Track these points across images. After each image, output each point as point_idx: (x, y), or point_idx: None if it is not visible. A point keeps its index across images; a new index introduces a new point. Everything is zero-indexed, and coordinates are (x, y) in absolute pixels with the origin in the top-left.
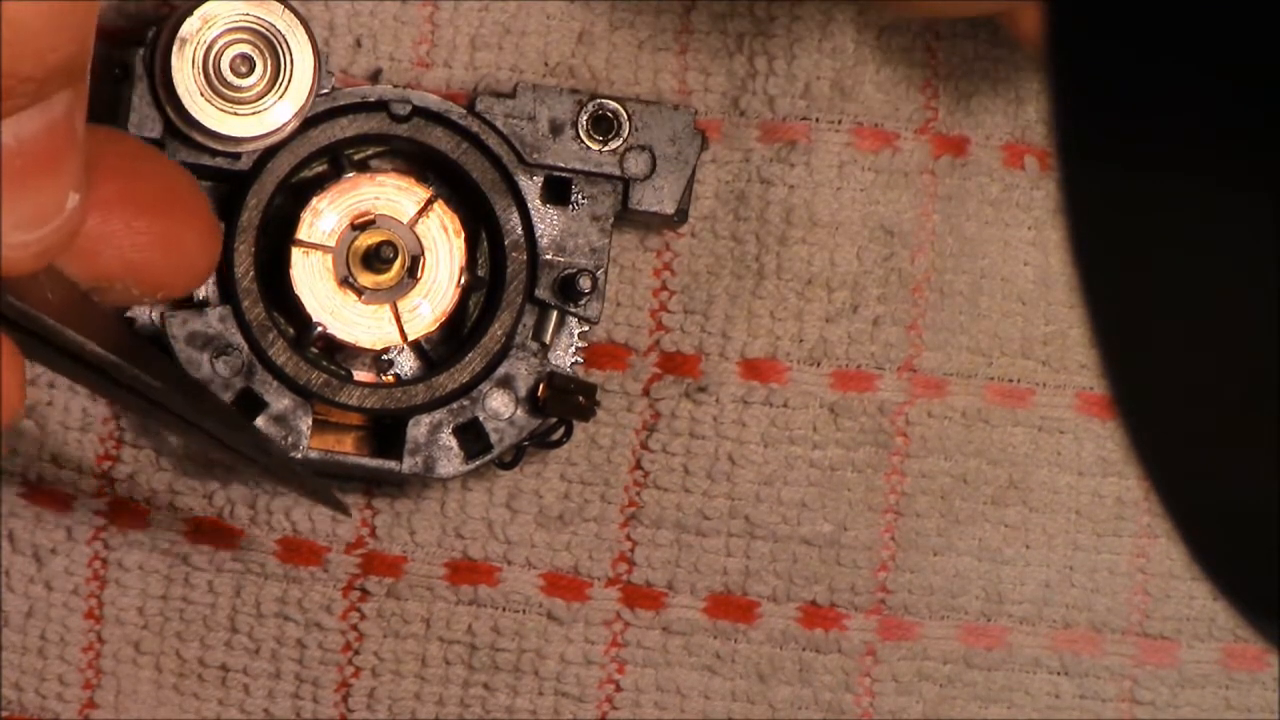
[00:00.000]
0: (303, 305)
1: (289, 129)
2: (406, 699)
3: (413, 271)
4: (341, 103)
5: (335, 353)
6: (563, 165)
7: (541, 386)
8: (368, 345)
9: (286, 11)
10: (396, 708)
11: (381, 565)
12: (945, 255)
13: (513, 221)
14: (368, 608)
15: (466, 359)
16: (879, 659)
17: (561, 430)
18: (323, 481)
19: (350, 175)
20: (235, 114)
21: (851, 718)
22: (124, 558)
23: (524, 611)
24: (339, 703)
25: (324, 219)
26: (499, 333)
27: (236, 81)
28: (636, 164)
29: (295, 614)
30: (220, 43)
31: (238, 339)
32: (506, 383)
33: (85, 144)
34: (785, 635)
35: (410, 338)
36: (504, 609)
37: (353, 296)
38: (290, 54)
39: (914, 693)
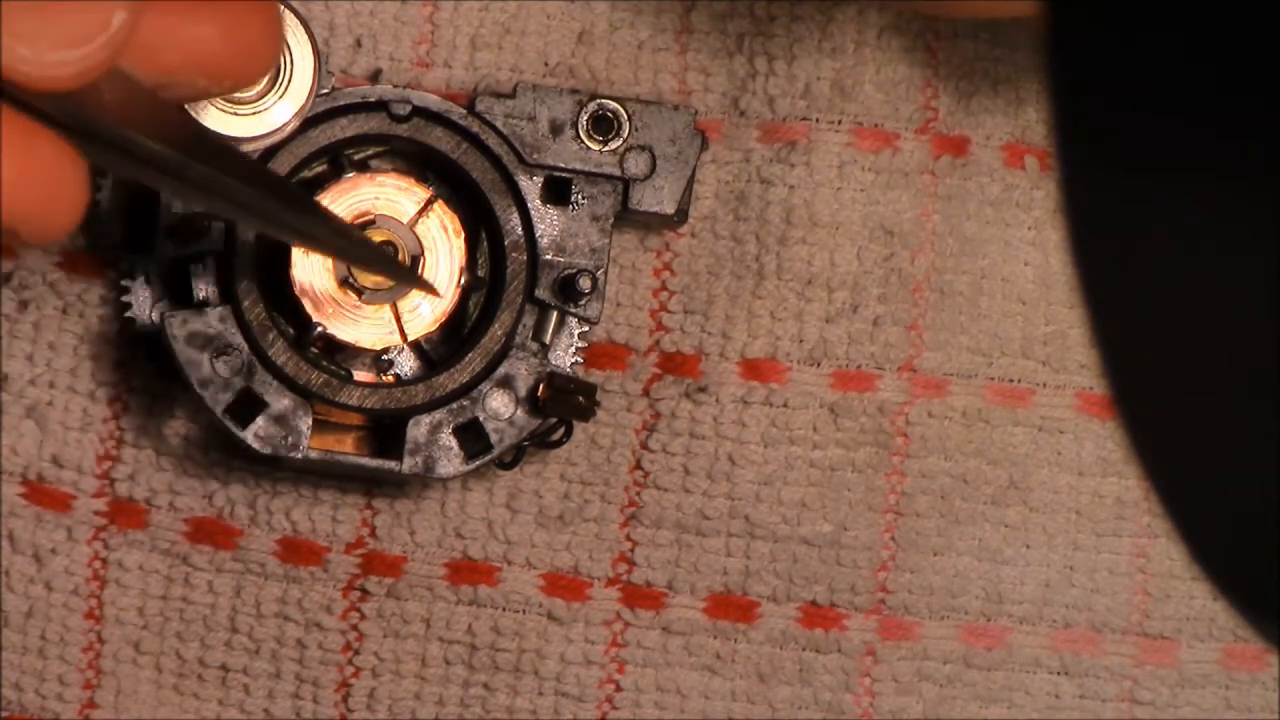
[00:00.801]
0: (303, 305)
1: (289, 129)
2: (406, 699)
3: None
4: (341, 103)
5: (335, 353)
6: (563, 165)
7: (541, 386)
8: (368, 345)
9: (286, 12)
10: (396, 708)
11: (381, 565)
12: (945, 255)
13: (513, 221)
14: (368, 608)
15: (466, 359)
16: (879, 659)
17: (561, 430)
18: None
19: (350, 175)
20: (235, 114)
21: (851, 718)
22: (124, 558)
23: (524, 611)
24: (339, 703)
25: None
26: (499, 333)
27: None
28: (636, 164)
29: (295, 614)
30: None
31: (238, 339)
32: (506, 383)
33: None
34: (785, 635)
35: (410, 338)
36: (504, 609)
37: (353, 296)
38: (290, 54)
39: (914, 693)
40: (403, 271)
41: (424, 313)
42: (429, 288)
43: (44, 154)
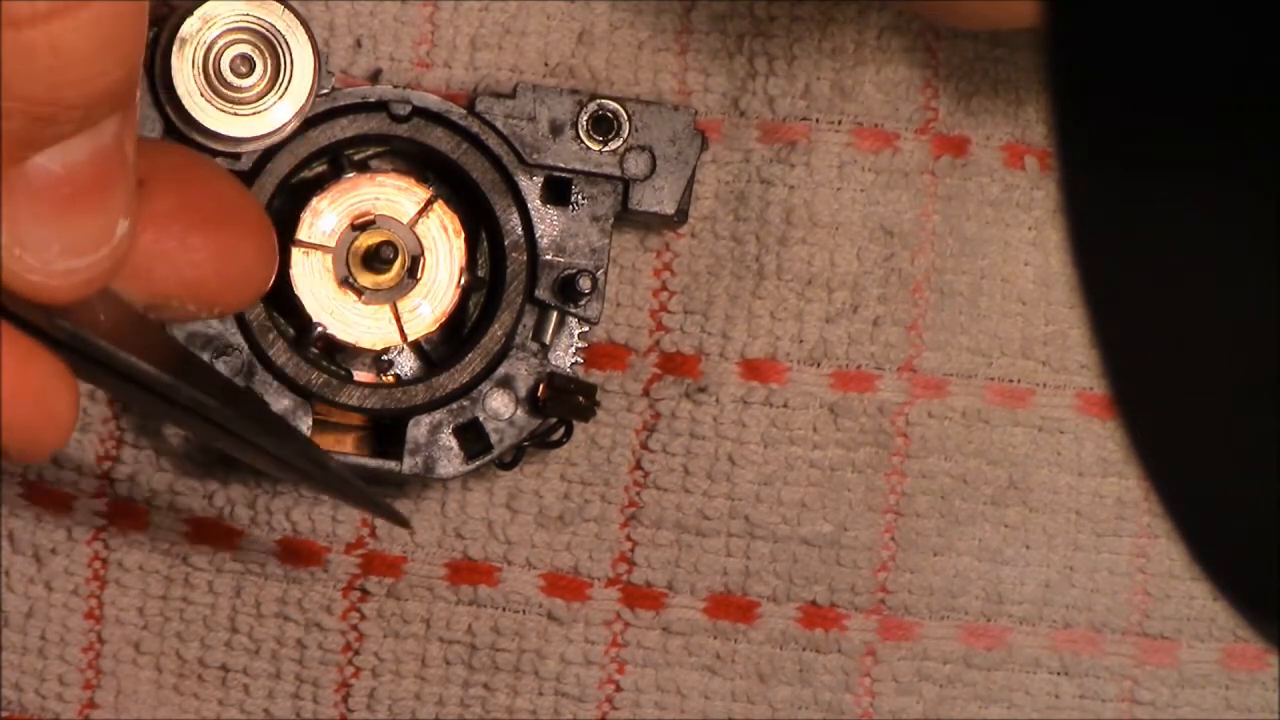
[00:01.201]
0: (303, 305)
1: (289, 129)
2: (406, 699)
3: (413, 272)
4: (341, 103)
5: (335, 353)
6: (563, 165)
7: (541, 387)
8: (368, 345)
9: (286, 12)
10: (396, 708)
11: (381, 565)
12: (945, 255)
13: (513, 222)
14: (368, 608)
15: (466, 359)
16: (879, 659)
17: (561, 430)
18: (378, 493)
19: (350, 175)
20: (235, 114)
21: (851, 718)
22: (124, 558)
23: (524, 611)
24: (339, 703)
25: (324, 219)
26: (499, 333)
27: (236, 82)
28: (636, 164)
29: (295, 614)
30: (220, 43)
31: (238, 339)
32: (506, 383)
33: (136, 164)
34: (785, 635)
35: (410, 338)
36: (504, 609)
37: (353, 297)
38: (290, 54)
39: (914, 693)
40: (379, 507)
41: (424, 313)
42: (398, 518)
43: (38, 371)
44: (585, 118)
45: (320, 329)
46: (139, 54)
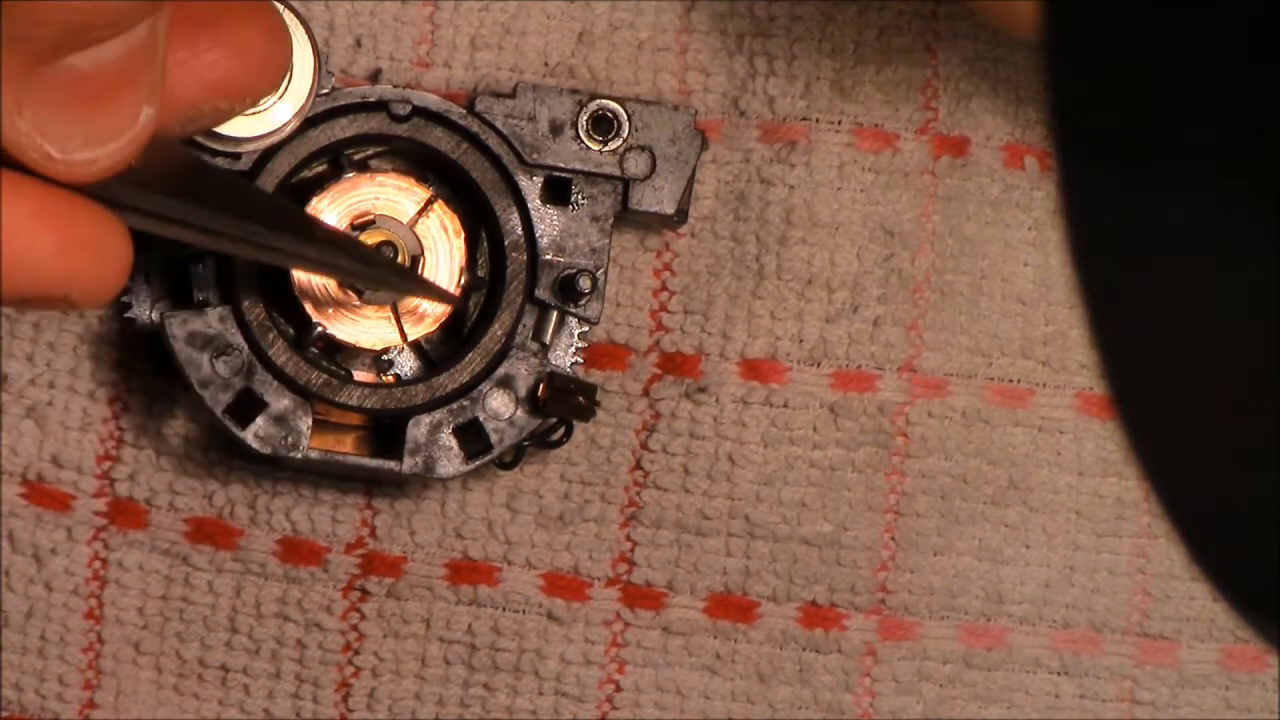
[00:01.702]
0: (303, 305)
1: (289, 129)
2: (406, 699)
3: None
4: (341, 103)
5: (335, 353)
6: (563, 165)
7: (541, 386)
8: (368, 345)
9: (286, 11)
10: (396, 708)
11: (381, 565)
12: (945, 255)
13: (513, 221)
14: (368, 608)
15: (466, 359)
16: (879, 659)
17: (561, 430)
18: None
19: (350, 175)
20: None
21: (851, 718)
22: (124, 558)
23: (524, 612)
24: (339, 703)
25: (324, 219)
26: (499, 333)
27: None
28: (636, 164)
29: (295, 614)
30: None
31: (238, 339)
32: (506, 383)
33: (165, 52)
34: (785, 635)
35: (410, 338)
36: (504, 609)
37: (353, 296)
38: (290, 54)
39: (914, 693)
40: (430, 287)
41: (424, 313)
42: (443, 295)
43: (85, 220)
44: (585, 118)
45: (320, 329)
46: None
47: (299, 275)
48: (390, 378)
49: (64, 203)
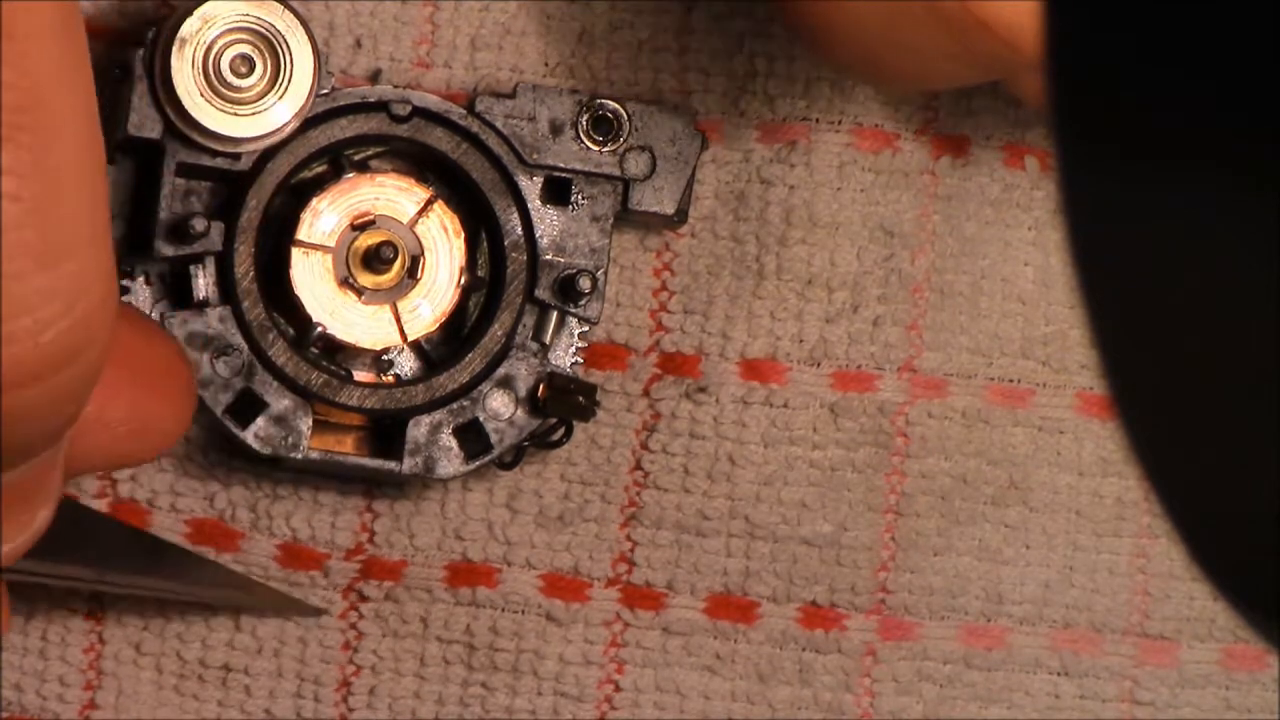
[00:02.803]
0: (303, 305)
1: (289, 129)
2: (406, 698)
3: (413, 272)
4: (341, 103)
5: (335, 353)
6: (563, 166)
7: (541, 387)
8: (368, 345)
9: (286, 12)
10: (396, 706)
11: (381, 570)
12: (945, 255)
13: (513, 222)
14: (367, 608)
15: (466, 359)
16: (879, 659)
17: (561, 430)
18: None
19: (350, 176)
20: (235, 114)
21: (851, 718)
22: None
23: (523, 612)
24: (339, 702)
25: (324, 219)
26: (499, 333)
27: (236, 82)
28: (636, 164)
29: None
30: (220, 43)
31: (238, 339)
32: (506, 383)
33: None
34: (785, 635)
35: (410, 338)
36: (503, 609)
37: (353, 297)
38: (290, 54)
39: (914, 693)
40: (279, 599)
41: (424, 313)
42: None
43: None
44: (585, 118)
45: (320, 329)
46: (86, 398)
47: (299, 275)
48: (390, 378)
49: None
